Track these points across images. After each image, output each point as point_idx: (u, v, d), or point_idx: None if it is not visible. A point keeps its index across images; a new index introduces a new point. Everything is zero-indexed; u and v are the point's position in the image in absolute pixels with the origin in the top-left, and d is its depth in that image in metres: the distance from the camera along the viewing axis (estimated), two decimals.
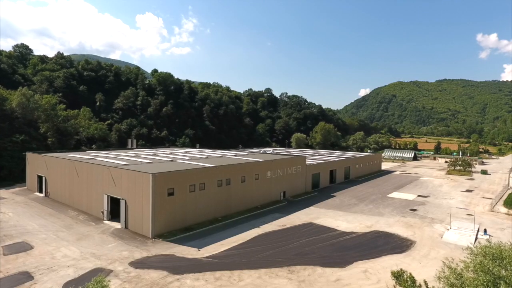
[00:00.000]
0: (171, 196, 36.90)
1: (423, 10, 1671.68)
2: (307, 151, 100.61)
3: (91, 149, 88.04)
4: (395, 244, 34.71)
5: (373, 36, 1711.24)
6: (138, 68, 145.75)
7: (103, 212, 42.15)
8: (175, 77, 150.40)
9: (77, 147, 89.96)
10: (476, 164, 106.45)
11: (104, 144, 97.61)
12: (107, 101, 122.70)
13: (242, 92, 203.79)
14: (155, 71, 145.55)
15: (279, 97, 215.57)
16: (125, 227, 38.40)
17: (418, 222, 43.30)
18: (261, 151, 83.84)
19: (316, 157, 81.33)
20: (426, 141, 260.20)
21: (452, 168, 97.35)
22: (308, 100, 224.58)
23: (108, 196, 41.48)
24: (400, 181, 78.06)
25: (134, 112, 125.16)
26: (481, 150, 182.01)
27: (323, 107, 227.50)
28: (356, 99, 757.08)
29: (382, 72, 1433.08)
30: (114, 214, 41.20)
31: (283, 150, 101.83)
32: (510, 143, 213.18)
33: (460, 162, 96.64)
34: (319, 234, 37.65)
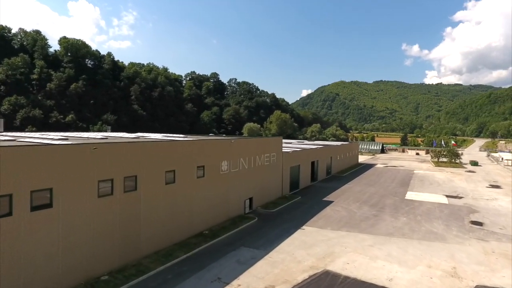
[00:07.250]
0: None
1: (355, 18, 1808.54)
2: None
3: None
4: None
5: (312, 40, 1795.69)
6: (38, 32, 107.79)
7: None
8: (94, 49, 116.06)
9: None
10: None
11: None
12: None
13: (183, 75, 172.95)
14: (63, 37, 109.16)
15: (227, 83, 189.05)
16: None
17: None
18: (210, 135, 57.86)
19: (284, 145, 57.95)
20: (377, 135, 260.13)
21: (436, 159, 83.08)
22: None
23: None
24: (395, 176, 58.48)
25: (26, 88, 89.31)
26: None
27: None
28: (300, 97, 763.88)
29: (323, 73, 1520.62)
30: None
31: None
32: (457, 137, 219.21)
33: (445, 153, 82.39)
34: None
